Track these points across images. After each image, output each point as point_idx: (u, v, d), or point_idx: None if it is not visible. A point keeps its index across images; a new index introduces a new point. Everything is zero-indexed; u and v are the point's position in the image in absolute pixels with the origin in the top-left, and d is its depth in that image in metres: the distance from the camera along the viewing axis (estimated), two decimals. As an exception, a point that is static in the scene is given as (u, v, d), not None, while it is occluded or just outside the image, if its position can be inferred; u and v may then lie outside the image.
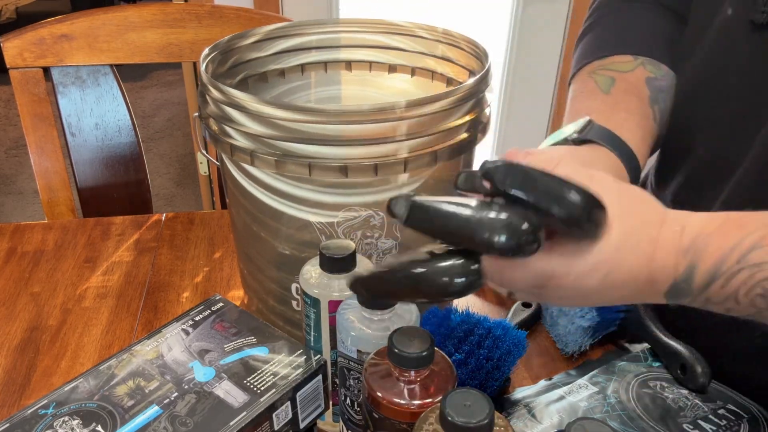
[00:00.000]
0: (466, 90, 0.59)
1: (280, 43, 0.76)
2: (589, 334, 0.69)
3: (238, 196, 0.65)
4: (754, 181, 0.57)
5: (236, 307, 0.63)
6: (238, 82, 0.74)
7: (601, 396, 0.63)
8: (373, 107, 0.55)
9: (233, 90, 0.58)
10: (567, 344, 0.70)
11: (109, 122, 1.13)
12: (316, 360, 0.56)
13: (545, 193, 0.39)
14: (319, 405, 0.58)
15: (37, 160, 1.11)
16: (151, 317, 0.78)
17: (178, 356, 0.57)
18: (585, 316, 0.68)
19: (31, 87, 1.08)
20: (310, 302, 0.56)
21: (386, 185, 0.60)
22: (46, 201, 1.12)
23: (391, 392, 0.46)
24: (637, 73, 0.65)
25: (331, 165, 0.56)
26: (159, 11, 1.10)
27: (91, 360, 0.71)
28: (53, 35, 1.06)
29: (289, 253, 0.64)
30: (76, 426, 0.51)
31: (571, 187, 0.39)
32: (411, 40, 0.77)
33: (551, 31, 2.14)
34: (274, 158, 0.57)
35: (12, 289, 0.82)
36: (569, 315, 0.70)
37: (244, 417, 0.51)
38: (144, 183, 1.16)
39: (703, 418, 0.60)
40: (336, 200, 0.60)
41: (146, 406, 0.52)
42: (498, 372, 0.62)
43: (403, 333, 0.47)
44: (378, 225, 0.61)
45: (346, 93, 0.81)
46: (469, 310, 0.67)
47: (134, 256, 0.88)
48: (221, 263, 0.87)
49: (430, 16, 2.32)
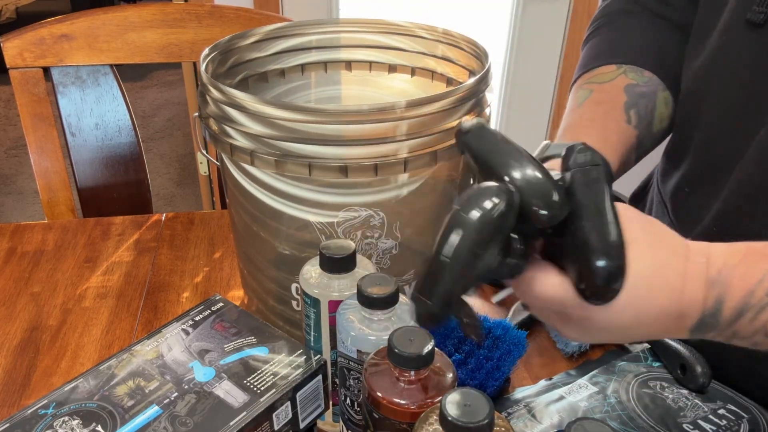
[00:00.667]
0: (466, 90, 0.59)
1: (280, 43, 0.76)
2: None
3: (238, 196, 0.65)
4: (754, 178, 0.57)
5: (236, 307, 0.63)
6: (238, 82, 0.74)
7: (601, 396, 0.63)
8: (373, 107, 0.55)
9: (233, 90, 0.58)
10: (567, 344, 0.70)
11: (109, 122, 1.13)
12: (316, 360, 0.56)
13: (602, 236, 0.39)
14: (319, 405, 0.58)
15: (37, 160, 1.11)
16: (151, 317, 0.78)
17: (178, 356, 0.57)
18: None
19: (31, 87, 1.08)
20: (310, 302, 0.56)
21: (386, 185, 0.60)
22: (46, 201, 1.12)
23: (391, 392, 0.46)
24: (617, 82, 0.66)
25: (331, 165, 0.56)
26: (159, 11, 1.10)
27: (91, 360, 0.71)
28: (53, 35, 1.06)
29: (289, 253, 0.64)
30: (76, 426, 0.51)
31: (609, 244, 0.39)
32: (411, 40, 0.77)
33: (551, 31, 2.14)
34: (274, 158, 0.57)
35: (12, 289, 0.82)
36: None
37: (244, 417, 0.51)
38: (144, 183, 1.16)
39: (703, 418, 0.60)
40: (336, 200, 0.60)
41: (146, 406, 0.52)
42: (498, 372, 0.62)
43: (403, 333, 0.47)
44: (378, 225, 0.61)
45: (346, 93, 0.81)
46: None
47: (134, 256, 0.88)
48: (221, 263, 0.87)
49: (430, 16, 2.32)
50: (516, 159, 0.40)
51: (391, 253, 0.64)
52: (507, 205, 0.39)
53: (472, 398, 0.41)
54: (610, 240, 0.39)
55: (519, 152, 0.41)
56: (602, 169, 0.41)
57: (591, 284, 0.39)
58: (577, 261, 0.40)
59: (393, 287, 0.51)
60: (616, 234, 0.39)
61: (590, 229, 0.39)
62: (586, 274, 0.39)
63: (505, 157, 0.41)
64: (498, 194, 0.39)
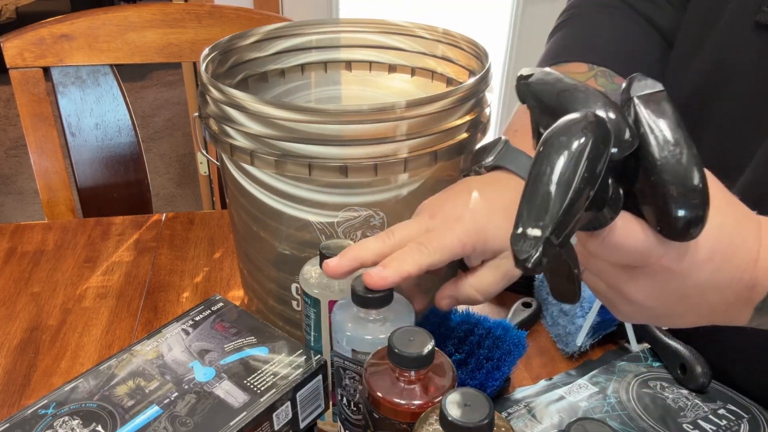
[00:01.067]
0: (466, 90, 0.59)
1: (280, 43, 0.76)
2: (590, 334, 0.69)
3: (238, 196, 0.65)
4: (762, 181, 0.57)
5: (236, 307, 0.63)
6: (238, 82, 0.74)
7: (601, 396, 0.63)
8: (373, 107, 0.55)
9: (233, 90, 0.58)
10: (567, 344, 0.70)
11: (109, 122, 1.13)
12: (316, 360, 0.56)
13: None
14: (319, 405, 0.58)
15: (37, 160, 1.11)
16: (151, 317, 0.78)
17: (178, 356, 0.57)
18: (585, 316, 0.68)
19: (31, 87, 1.08)
20: (310, 302, 0.56)
21: (386, 185, 0.60)
22: (46, 201, 1.12)
23: (391, 392, 0.46)
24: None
25: (331, 165, 0.56)
26: (159, 11, 1.10)
27: (91, 360, 0.71)
28: (53, 35, 1.06)
29: (289, 253, 0.64)
30: (76, 426, 0.51)
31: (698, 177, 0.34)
32: (411, 40, 0.77)
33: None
34: (274, 158, 0.57)
35: (12, 289, 0.82)
36: (569, 315, 0.70)
37: (244, 417, 0.51)
38: (144, 183, 1.17)
39: (703, 418, 0.60)
40: (336, 200, 0.60)
41: (146, 406, 0.52)
42: (498, 372, 0.62)
43: (403, 333, 0.47)
44: (378, 225, 0.61)
45: (346, 93, 0.81)
46: (469, 310, 0.67)
47: (134, 256, 0.88)
48: (221, 263, 0.87)
49: (430, 16, 2.32)
50: (591, 99, 0.36)
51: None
52: (607, 131, 0.34)
53: (472, 398, 0.41)
54: (693, 180, 0.34)
55: (588, 91, 0.37)
56: (666, 94, 0.37)
57: (674, 221, 0.35)
58: (657, 199, 0.35)
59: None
60: (699, 178, 0.35)
61: (667, 165, 0.34)
62: (669, 207, 0.34)
63: (576, 97, 0.36)
64: (598, 121, 0.34)
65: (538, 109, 0.39)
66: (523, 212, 0.33)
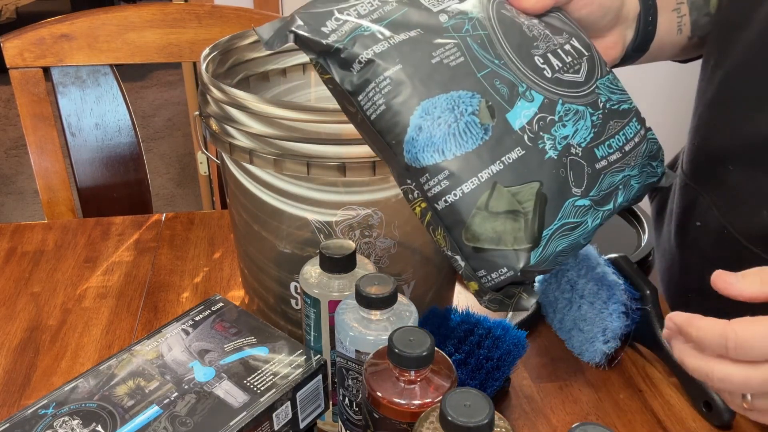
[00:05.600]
0: (466, 89, 0.59)
1: (280, 43, 0.76)
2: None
3: (238, 194, 0.65)
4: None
5: (236, 307, 0.63)
6: (238, 81, 0.74)
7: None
8: (372, 107, 0.55)
9: (234, 89, 0.58)
10: (582, 354, 0.69)
11: (109, 122, 1.13)
12: (316, 360, 0.56)
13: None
14: (319, 405, 0.58)
15: (37, 160, 1.11)
16: (151, 317, 0.78)
17: (178, 356, 0.57)
18: (608, 343, 0.66)
19: (31, 87, 1.08)
20: (310, 302, 0.56)
21: (384, 184, 0.60)
22: (46, 201, 1.12)
23: (391, 392, 0.46)
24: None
25: (330, 164, 0.56)
26: (159, 11, 1.10)
27: (91, 360, 0.71)
28: (53, 35, 1.06)
29: (289, 251, 0.64)
30: (76, 426, 0.51)
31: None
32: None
33: (551, 30, 2.14)
34: (273, 157, 0.57)
35: (12, 289, 0.82)
36: (587, 334, 0.68)
37: (244, 417, 0.51)
38: (144, 183, 1.16)
39: (553, 53, 0.52)
40: (334, 199, 0.60)
41: (146, 406, 0.52)
42: (498, 372, 0.62)
43: (403, 333, 0.47)
44: (376, 224, 0.61)
45: (346, 93, 0.81)
46: (469, 310, 0.67)
47: (134, 256, 0.88)
48: (221, 263, 0.87)
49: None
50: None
51: (390, 252, 0.63)
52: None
53: (472, 398, 0.41)
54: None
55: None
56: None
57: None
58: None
59: (391, 287, 0.51)
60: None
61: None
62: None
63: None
64: None
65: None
66: None
